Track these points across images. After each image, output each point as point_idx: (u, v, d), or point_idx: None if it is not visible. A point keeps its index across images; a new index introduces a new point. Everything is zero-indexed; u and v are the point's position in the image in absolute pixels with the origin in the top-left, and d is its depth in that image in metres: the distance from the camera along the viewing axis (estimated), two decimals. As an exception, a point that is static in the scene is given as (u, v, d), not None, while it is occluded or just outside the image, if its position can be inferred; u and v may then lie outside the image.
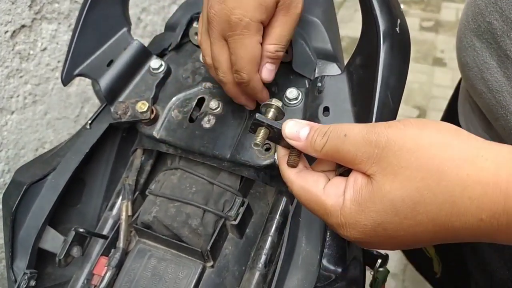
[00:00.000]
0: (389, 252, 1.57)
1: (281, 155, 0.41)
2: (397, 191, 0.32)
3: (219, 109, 0.56)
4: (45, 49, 1.10)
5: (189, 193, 0.55)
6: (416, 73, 2.34)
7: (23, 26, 1.01)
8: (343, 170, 0.38)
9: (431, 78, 2.41)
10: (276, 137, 0.40)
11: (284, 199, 0.56)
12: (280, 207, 0.55)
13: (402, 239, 0.34)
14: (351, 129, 0.35)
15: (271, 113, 0.42)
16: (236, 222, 0.54)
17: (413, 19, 2.85)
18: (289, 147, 0.40)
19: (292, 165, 0.40)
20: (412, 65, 0.50)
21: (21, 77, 1.04)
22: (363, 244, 0.36)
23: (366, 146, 0.34)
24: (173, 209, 0.53)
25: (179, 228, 0.52)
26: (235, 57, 0.47)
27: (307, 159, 0.41)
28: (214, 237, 0.52)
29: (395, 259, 1.68)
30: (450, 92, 0.83)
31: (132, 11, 1.40)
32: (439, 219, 0.31)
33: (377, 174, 0.33)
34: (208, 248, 0.51)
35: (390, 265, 0.61)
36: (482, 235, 0.31)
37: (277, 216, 0.54)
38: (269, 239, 0.53)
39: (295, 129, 0.38)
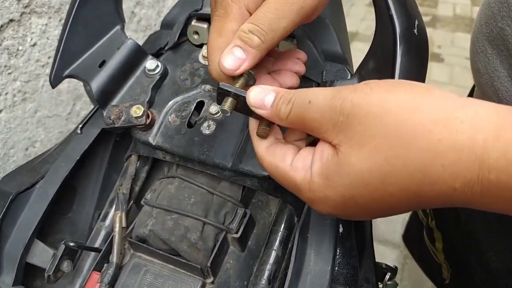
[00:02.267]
0: (386, 251, 1.56)
1: (252, 128, 0.38)
2: (364, 162, 0.30)
3: (219, 114, 0.52)
4: (35, 44, 1.05)
5: (187, 204, 0.51)
6: (414, 69, 2.32)
7: (11, 20, 0.97)
8: (312, 139, 0.36)
9: (428, 74, 2.39)
10: (244, 107, 0.37)
11: (288, 210, 0.52)
12: (284, 218, 0.52)
13: (376, 210, 0.32)
14: (315, 94, 0.33)
15: (241, 79, 0.38)
16: (238, 235, 0.50)
17: (411, 14, 2.82)
18: (259, 117, 0.37)
19: (262, 135, 0.37)
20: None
21: (9, 73, 1.00)
22: (338, 216, 0.35)
23: (331, 113, 0.31)
24: (171, 222, 0.50)
25: (177, 243, 0.48)
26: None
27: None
28: (214, 252, 0.49)
29: (393, 259, 1.66)
30: (447, 88, 0.81)
31: (126, 5, 1.35)
32: (411, 189, 0.29)
33: (342, 144, 0.31)
34: (208, 264, 0.48)
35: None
36: (456, 202, 0.29)
37: (281, 229, 0.51)
38: (273, 253, 0.50)
39: (260, 96, 0.35)
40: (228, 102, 0.36)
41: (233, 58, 0.37)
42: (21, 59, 1.03)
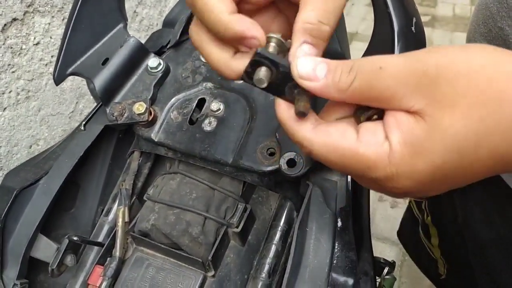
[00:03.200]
0: (386, 249, 1.55)
1: (283, 109, 0.32)
2: (459, 124, 0.27)
3: (220, 111, 0.53)
4: (38, 43, 1.06)
5: (189, 199, 0.52)
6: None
7: (14, 19, 0.98)
8: (373, 114, 0.30)
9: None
10: (279, 79, 0.30)
11: (288, 205, 0.53)
12: (284, 213, 0.53)
13: (457, 181, 0.29)
14: (385, 60, 0.29)
15: (271, 49, 0.31)
16: (238, 230, 0.51)
17: (411, 14, 2.83)
18: (292, 99, 0.31)
19: (303, 112, 0.30)
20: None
21: (13, 72, 1.01)
22: (412, 195, 0.31)
23: (410, 77, 0.28)
24: (172, 217, 0.50)
25: (179, 237, 0.49)
26: None
27: None
28: (215, 246, 0.49)
29: (392, 256, 1.67)
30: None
31: (128, 4, 1.36)
32: (500, 150, 0.27)
33: (428, 108, 0.28)
34: (210, 257, 0.49)
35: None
36: None
37: (281, 223, 0.52)
38: (273, 247, 0.50)
39: (310, 66, 0.30)
40: (263, 71, 0.30)
41: (305, 59, 0.31)
42: (25, 58, 1.03)
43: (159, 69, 0.56)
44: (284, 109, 0.32)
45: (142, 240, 0.51)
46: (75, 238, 0.51)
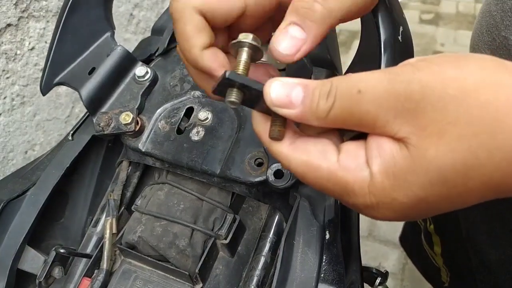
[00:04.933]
0: (388, 251, 1.54)
1: (259, 124, 0.31)
2: (446, 156, 0.25)
3: (208, 120, 0.52)
4: (33, 48, 1.06)
5: (176, 210, 0.51)
6: (416, 67, 2.32)
7: (8, 25, 0.97)
8: (356, 134, 0.29)
9: (432, 72, 2.38)
10: (252, 99, 0.29)
11: (277, 216, 0.52)
12: (274, 224, 0.52)
13: (443, 209, 0.28)
14: (365, 81, 0.26)
15: (244, 56, 0.30)
16: (227, 241, 0.50)
17: (413, 12, 2.81)
18: (269, 112, 0.29)
19: (277, 138, 0.29)
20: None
21: (7, 78, 1.01)
22: (395, 220, 0.29)
23: (393, 101, 0.25)
24: (160, 228, 0.50)
25: (166, 249, 0.49)
26: None
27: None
28: (203, 259, 0.49)
29: (394, 259, 1.66)
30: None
31: (124, 7, 1.35)
32: (492, 181, 0.25)
33: (413, 136, 0.25)
34: (197, 270, 0.48)
35: (389, 264, 0.58)
36: None
37: (271, 235, 0.51)
38: (262, 259, 0.50)
39: (285, 92, 0.28)
40: (235, 93, 0.29)
41: (290, 40, 0.29)
42: (19, 63, 1.03)
43: (146, 77, 0.55)
44: (259, 123, 0.31)
45: (130, 252, 0.50)
46: (61, 251, 0.51)
